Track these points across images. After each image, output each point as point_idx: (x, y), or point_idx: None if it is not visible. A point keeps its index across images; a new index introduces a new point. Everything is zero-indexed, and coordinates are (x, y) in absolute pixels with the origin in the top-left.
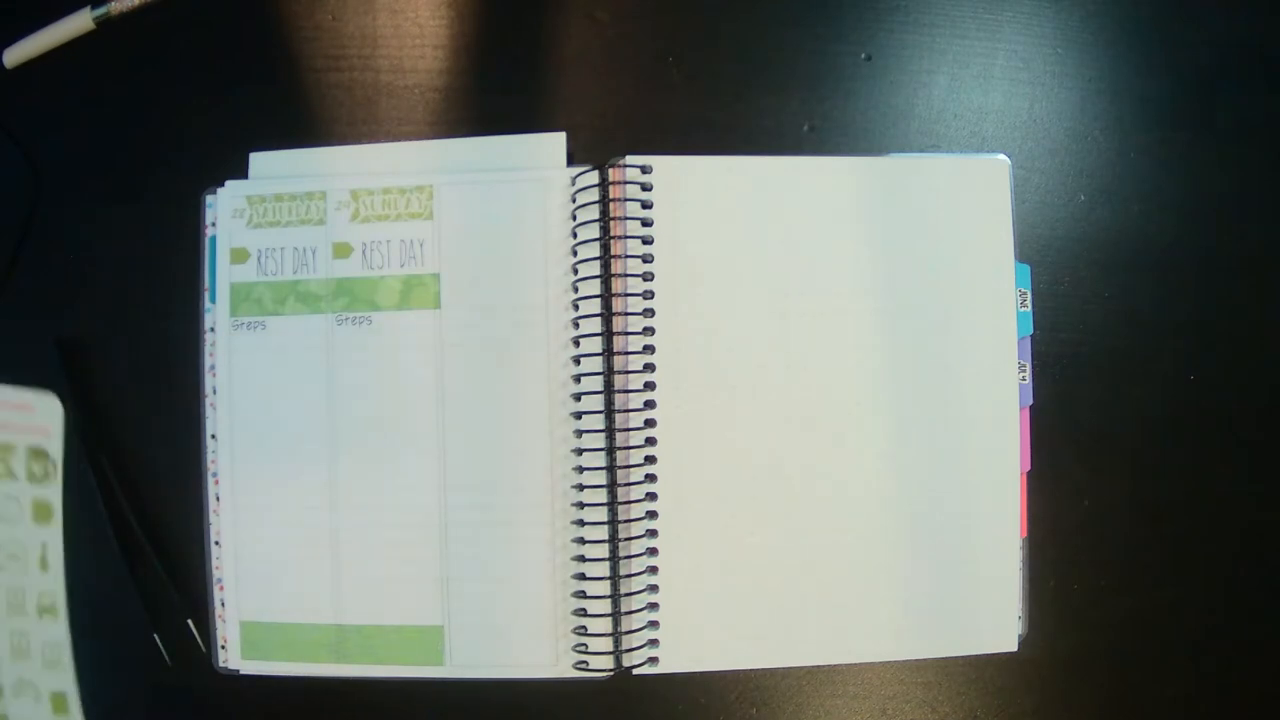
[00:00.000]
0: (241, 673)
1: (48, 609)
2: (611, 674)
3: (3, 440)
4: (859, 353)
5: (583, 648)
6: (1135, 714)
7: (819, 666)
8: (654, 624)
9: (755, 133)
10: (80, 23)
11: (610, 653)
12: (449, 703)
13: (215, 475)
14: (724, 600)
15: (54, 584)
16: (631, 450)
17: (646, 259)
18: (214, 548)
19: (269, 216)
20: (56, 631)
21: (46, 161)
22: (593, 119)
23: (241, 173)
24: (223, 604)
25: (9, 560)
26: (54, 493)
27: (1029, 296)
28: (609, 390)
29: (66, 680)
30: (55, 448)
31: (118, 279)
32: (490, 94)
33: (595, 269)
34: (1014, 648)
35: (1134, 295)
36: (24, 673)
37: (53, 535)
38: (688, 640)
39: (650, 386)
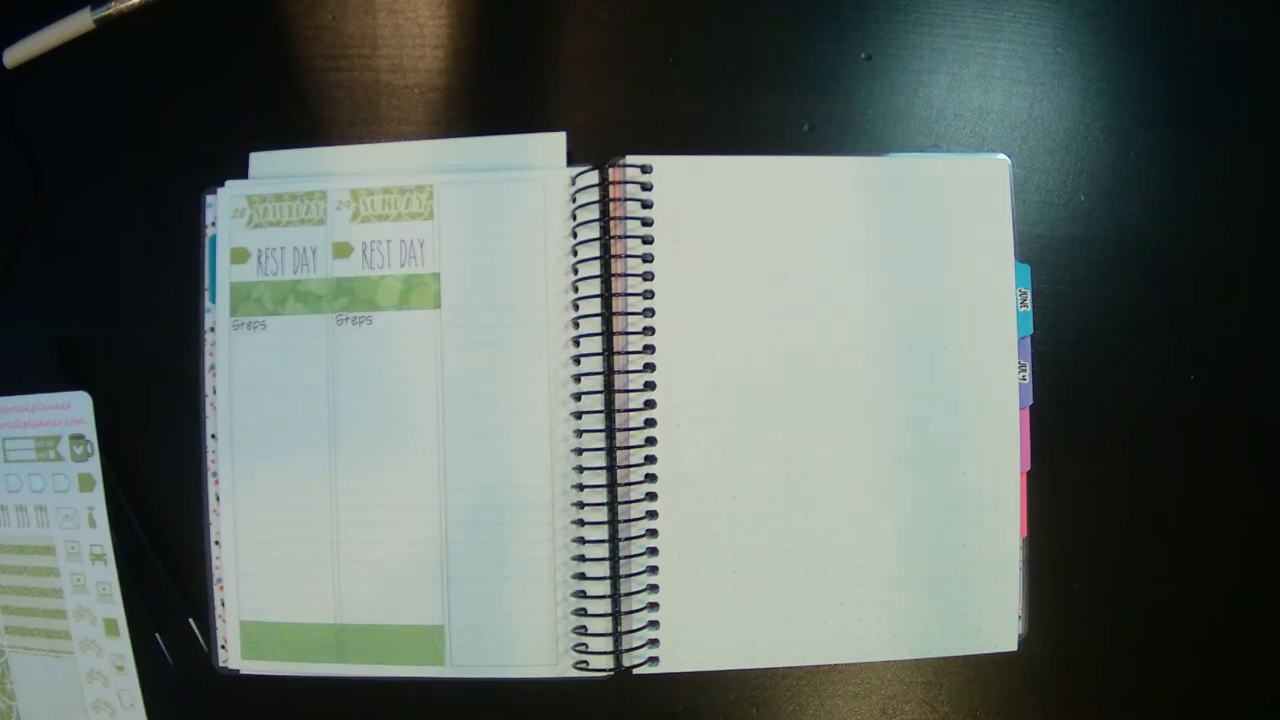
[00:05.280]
0: (241, 672)
1: (98, 556)
2: (611, 674)
3: (50, 433)
4: (859, 352)
5: (583, 648)
6: (1134, 713)
7: (819, 666)
8: (654, 624)
9: (755, 133)
10: (80, 23)
11: (610, 653)
12: (449, 703)
13: (215, 475)
14: (724, 600)
15: (101, 537)
16: (631, 450)
17: (646, 259)
18: (214, 548)
19: (269, 216)
20: (106, 573)
21: (46, 161)
22: (593, 119)
23: (241, 173)
24: (223, 604)
25: (65, 520)
26: (93, 467)
27: (1029, 296)
28: (609, 390)
29: (116, 610)
30: (90, 433)
31: (118, 279)
32: (490, 94)
33: (595, 269)
34: (1014, 648)
35: (1134, 295)
36: (83, 603)
37: (96, 500)
38: (688, 640)
39: (650, 386)
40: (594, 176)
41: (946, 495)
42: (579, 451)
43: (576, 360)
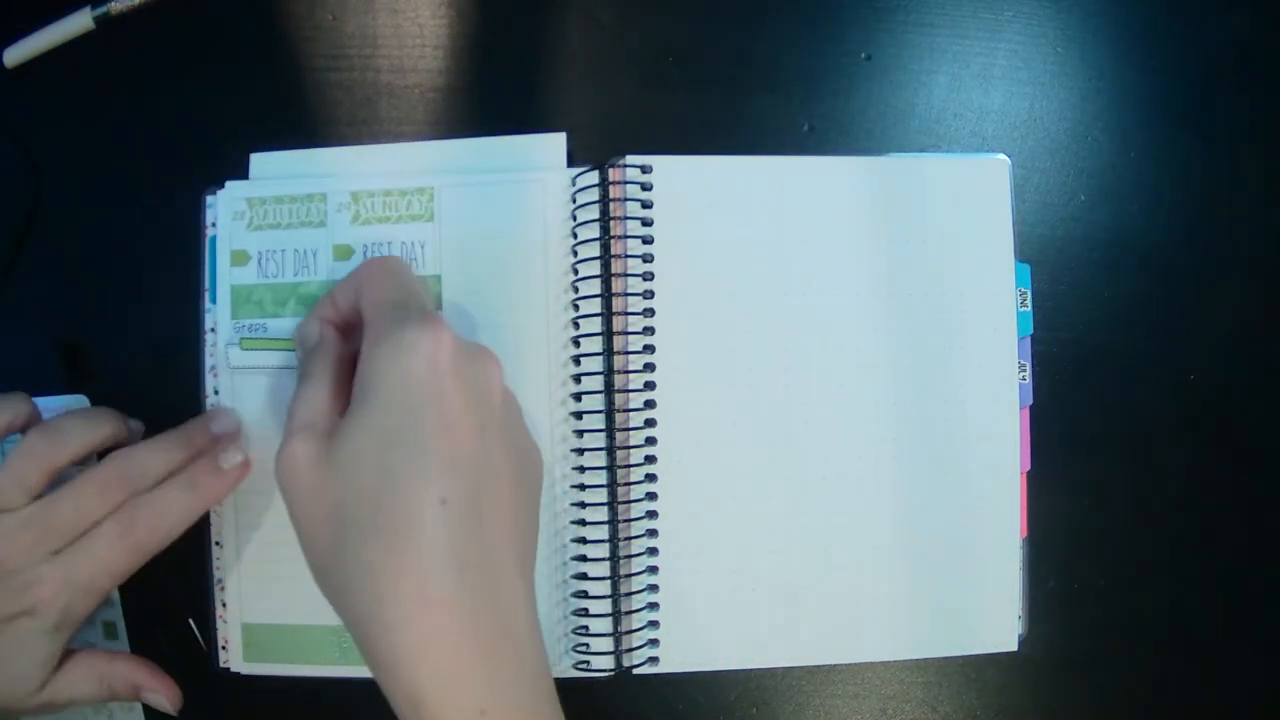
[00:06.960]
0: (242, 673)
1: None
2: (611, 674)
3: None
4: (859, 352)
5: (583, 648)
6: (1135, 714)
7: (819, 666)
8: (654, 624)
9: (755, 133)
10: (80, 23)
11: (610, 653)
12: None
13: None
14: (724, 600)
15: None
16: (631, 450)
17: (646, 259)
18: (214, 548)
19: (269, 219)
20: None
21: (47, 161)
22: (593, 119)
23: (242, 173)
24: (224, 605)
25: None
26: None
27: (1029, 296)
28: (609, 390)
29: (115, 614)
30: None
31: (118, 279)
32: (490, 94)
33: (595, 269)
34: (1014, 648)
35: (1134, 295)
36: None
37: None
38: (688, 640)
39: (650, 386)
40: (594, 176)
41: (946, 495)
42: (579, 451)
43: (576, 360)
